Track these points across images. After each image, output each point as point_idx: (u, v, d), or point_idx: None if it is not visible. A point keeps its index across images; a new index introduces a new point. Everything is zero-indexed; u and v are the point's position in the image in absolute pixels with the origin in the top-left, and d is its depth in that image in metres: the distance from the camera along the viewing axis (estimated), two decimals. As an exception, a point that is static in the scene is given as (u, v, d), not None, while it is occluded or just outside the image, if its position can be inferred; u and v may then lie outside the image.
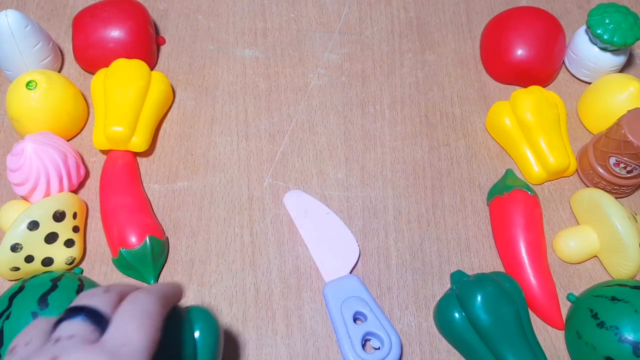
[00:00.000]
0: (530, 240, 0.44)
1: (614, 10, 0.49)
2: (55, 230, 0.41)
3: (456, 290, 0.41)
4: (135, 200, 0.45)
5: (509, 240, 0.45)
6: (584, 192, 0.46)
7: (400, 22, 0.57)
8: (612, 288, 0.41)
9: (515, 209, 0.45)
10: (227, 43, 0.55)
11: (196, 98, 0.52)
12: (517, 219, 0.45)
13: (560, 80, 0.55)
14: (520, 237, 0.44)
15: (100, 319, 0.27)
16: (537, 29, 0.52)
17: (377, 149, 0.50)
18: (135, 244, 0.42)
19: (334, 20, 0.57)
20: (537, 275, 0.43)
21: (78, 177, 0.46)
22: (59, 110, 0.46)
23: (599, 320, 0.39)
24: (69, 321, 0.27)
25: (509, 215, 0.45)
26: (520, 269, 0.44)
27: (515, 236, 0.44)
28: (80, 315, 0.27)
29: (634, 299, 0.39)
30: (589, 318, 0.40)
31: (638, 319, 0.38)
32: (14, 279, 0.42)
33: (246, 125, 0.51)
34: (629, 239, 0.42)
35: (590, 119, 0.51)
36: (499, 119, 0.50)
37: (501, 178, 0.48)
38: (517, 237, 0.44)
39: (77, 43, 0.51)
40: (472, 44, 0.56)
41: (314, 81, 0.54)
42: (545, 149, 0.47)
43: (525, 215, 0.45)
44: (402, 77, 0.54)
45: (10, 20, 0.46)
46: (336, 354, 0.42)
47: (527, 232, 0.44)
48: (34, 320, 0.29)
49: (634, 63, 0.55)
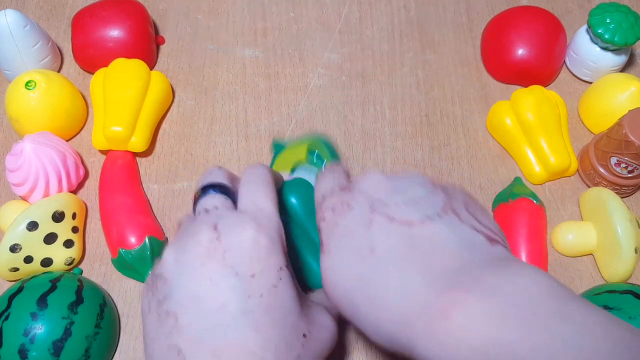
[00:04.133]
0: (532, 250, 0.44)
1: (614, 10, 0.49)
2: (54, 231, 0.41)
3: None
4: (135, 201, 0.45)
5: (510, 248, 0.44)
6: (593, 190, 0.46)
7: (400, 21, 0.57)
8: (602, 296, 0.41)
9: (519, 218, 0.45)
10: (227, 43, 0.55)
11: (196, 98, 0.52)
12: (521, 227, 0.44)
13: (561, 80, 0.55)
14: (522, 246, 0.44)
15: (227, 191, 0.32)
16: (538, 29, 0.52)
17: (378, 148, 0.50)
18: (134, 244, 0.42)
19: (334, 19, 0.57)
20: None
21: (77, 177, 0.46)
22: (58, 110, 0.46)
23: None
24: (207, 197, 0.31)
25: (512, 223, 0.45)
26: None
27: (517, 245, 0.44)
28: (214, 191, 0.31)
29: (625, 306, 0.39)
30: None
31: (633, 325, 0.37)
32: (13, 279, 0.42)
33: (246, 125, 0.51)
34: (626, 240, 0.42)
35: (591, 119, 0.51)
36: (499, 119, 0.49)
37: (508, 185, 0.48)
38: (519, 246, 0.44)
39: (76, 43, 0.51)
40: (472, 44, 0.56)
41: (314, 81, 0.53)
42: (546, 148, 0.47)
43: (529, 224, 0.44)
44: (403, 77, 0.54)
45: (10, 20, 0.45)
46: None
47: (529, 241, 0.44)
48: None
49: (635, 63, 0.55)
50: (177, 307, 0.27)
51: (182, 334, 0.27)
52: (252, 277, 0.27)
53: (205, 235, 0.28)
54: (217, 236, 0.28)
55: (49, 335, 0.36)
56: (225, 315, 0.27)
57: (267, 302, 0.27)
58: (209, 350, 0.26)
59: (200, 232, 0.28)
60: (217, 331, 0.26)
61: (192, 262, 0.28)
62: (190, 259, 0.28)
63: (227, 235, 0.28)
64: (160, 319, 0.28)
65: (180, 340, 0.27)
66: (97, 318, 0.39)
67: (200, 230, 0.28)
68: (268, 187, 0.32)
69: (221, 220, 0.29)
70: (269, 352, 0.26)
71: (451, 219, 0.28)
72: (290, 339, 0.28)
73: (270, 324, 0.27)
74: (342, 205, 0.30)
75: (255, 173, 0.32)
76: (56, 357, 0.36)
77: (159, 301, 0.28)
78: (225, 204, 0.31)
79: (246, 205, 0.30)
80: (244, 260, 0.28)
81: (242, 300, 0.27)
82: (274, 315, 0.27)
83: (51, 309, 0.37)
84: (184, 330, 0.27)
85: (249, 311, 0.27)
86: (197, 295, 0.27)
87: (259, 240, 0.28)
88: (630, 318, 0.38)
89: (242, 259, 0.28)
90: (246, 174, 0.33)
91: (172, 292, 0.28)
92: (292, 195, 0.38)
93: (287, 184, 0.39)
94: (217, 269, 0.27)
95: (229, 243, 0.28)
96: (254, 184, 0.32)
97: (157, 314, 0.28)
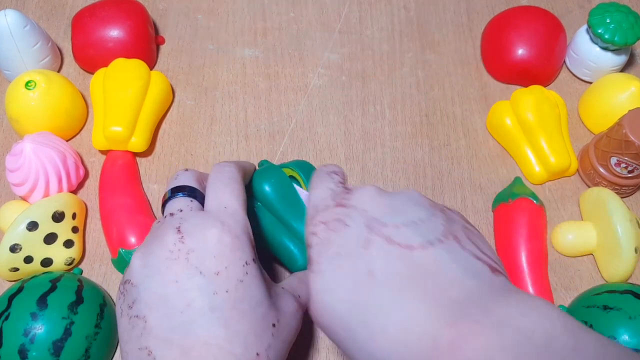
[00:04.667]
0: (532, 250, 0.44)
1: (614, 10, 0.49)
2: (54, 231, 0.41)
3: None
4: (135, 201, 0.45)
5: (510, 248, 0.44)
6: (593, 190, 0.46)
7: (400, 21, 0.57)
8: (602, 296, 0.40)
9: (519, 218, 0.44)
10: (227, 43, 0.55)
11: (196, 98, 0.52)
12: (521, 227, 0.44)
13: (561, 80, 0.55)
14: (522, 246, 0.44)
15: (194, 193, 0.33)
16: (538, 29, 0.52)
17: (378, 148, 0.50)
18: (134, 244, 0.42)
19: (334, 19, 0.57)
20: (535, 286, 0.43)
21: (77, 177, 0.46)
22: (58, 110, 0.46)
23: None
24: (172, 200, 0.32)
25: (512, 223, 0.45)
26: (519, 279, 0.43)
27: (517, 245, 0.44)
28: (179, 194, 0.32)
29: (625, 305, 0.39)
30: None
31: (633, 324, 0.37)
32: (13, 279, 0.42)
33: (246, 125, 0.51)
34: (626, 240, 0.42)
35: (591, 119, 0.51)
36: (499, 119, 0.49)
37: (508, 185, 0.48)
38: (519, 246, 0.44)
39: (76, 43, 0.51)
40: (472, 44, 0.56)
41: (314, 81, 0.53)
42: (546, 148, 0.47)
43: (529, 224, 0.44)
44: (403, 77, 0.54)
45: (9, 20, 0.45)
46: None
47: (529, 241, 0.44)
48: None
49: (635, 63, 0.55)
50: (145, 310, 0.28)
51: (150, 335, 0.27)
52: (216, 275, 0.28)
53: (169, 238, 0.29)
54: (180, 238, 0.29)
55: (49, 335, 0.36)
56: (191, 313, 0.27)
57: (235, 297, 0.28)
58: (178, 348, 0.26)
59: (165, 235, 0.29)
60: (184, 329, 0.27)
61: (158, 265, 0.28)
62: (156, 262, 0.28)
63: (190, 236, 0.29)
64: (131, 322, 0.28)
65: (149, 341, 0.27)
66: (97, 318, 0.39)
67: (164, 234, 0.29)
68: (234, 185, 0.32)
69: (184, 222, 0.30)
70: (238, 345, 0.27)
71: (452, 245, 0.27)
72: (259, 329, 0.28)
73: (238, 317, 0.27)
74: (336, 221, 0.29)
75: (222, 171, 0.33)
76: (56, 357, 0.36)
77: (129, 305, 0.29)
78: (191, 205, 0.32)
79: (211, 204, 0.31)
80: (208, 259, 0.28)
81: (208, 297, 0.27)
82: (241, 309, 0.28)
83: (51, 309, 0.37)
84: (153, 331, 0.27)
85: (215, 308, 0.27)
86: (164, 297, 0.28)
87: (223, 238, 0.29)
88: (630, 318, 0.38)
89: (205, 258, 0.28)
90: (212, 173, 0.33)
91: (140, 295, 0.28)
92: (265, 184, 0.39)
93: (258, 173, 0.40)
94: (181, 270, 0.28)
95: (193, 244, 0.29)
96: (220, 183, 0.32)
97: (128, 317, 0.28)
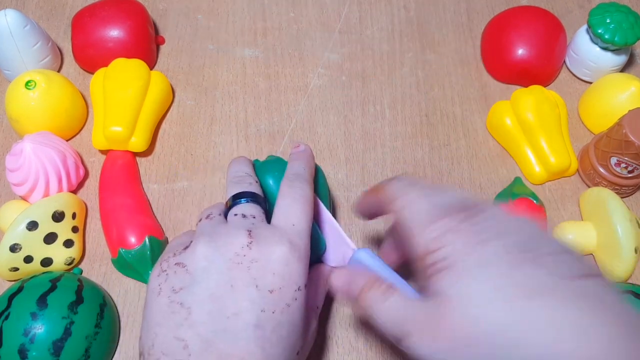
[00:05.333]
0: None
1: (614, 10, 0.49)
2: (54, 231, 0.41)
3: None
4: (135, 201, 0.45)
5: None
6: (593, 190, 0.46)
7: (400, 21, 0.57)
8: None
9: None
10: (227, 43, 0.55)
11: (196, 98, 0.52)
12: None
13: (561, 80, 0.55)
14: None
15: (259, 200, 0.33)
16: (538, 29, 0.52)
17: (378, 148, 0.50)
18: (134, 244, 0.42)
19: (334, 19, 0.57)
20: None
21: (77, 177, 0.46)
22: (58, 110, 0.46)
23: None
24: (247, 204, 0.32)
25: None
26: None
27: None
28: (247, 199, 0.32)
29: None
30: None
31: None
32: (13, 279, 0.42)
33: (246, 125, 0.51)
34: (626, 240, 0.42)
35: (591, 119, 0.51)
36: (499, 119, 0.49)
37: (508, 185, 0.48)
38: None
39: (76, 43, 0.51)
40: (472, 44, 0.56)
41: (314, 81, 0.53)
42: (546, 148, 0.47)
43: None
44: (403, 77, 0.54)
45: (9, 19, 0.45)
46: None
47: None
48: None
49: (635, 63, 0.55)
50: (193, 302, 0.27)
51: (191, 329, 0.27)
52: (270, 293, 0.28)
53: (239, 239, 0.29)
54: (249, 243, 0.29)
55: (49, 335, 0.36)
56: (237, 324, 0.27)
57: (278, 320, 0.28)
58: (216, 352, 0.26)
59: (237, 234, 0.29)
60: (226, 337, 0.27)
61: (220, 264, 0.28)
62: (219, 260, 0.28)
63: (258, 245, 0.29)
64: (171, 306, 0.28)
65: (188, 334, 0.27)
66: (97, 318, 0.39)
67: (236, 233, 0.29)
68: (305, 205, 0.32)
69: (257, 229, 0.30)
70: None
71: (598, 282, 0.25)
72: (287, 356, 0.28)
73: (276, 341, 0.28)
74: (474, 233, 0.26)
75: (295, 187, 0.33)
76: (56, 357, 0.36)
77: (173, 289, 0.28)
78: (262, 216, 0.31)
79: (279, 218, 0.31)
80: (268, 274, 0.28)
81: (256, 313, 0.27)
82: (280, 334, 0.28)
83: (51, 309, 0.37)
84: (194, 326, 0.27)
85: (259, 326, 0.27)
86: (216, 297, 0.27)
87: (290, 259, 0.29)
88: None
89: (265, 273, 0.28)
90: (284, 186, 0.33)
91: (192, 285, 0.28)
92: (268, 176, 0.39)
93: (261, 165, 0.39)
94: (240, 276, 0.28)
95: (258, 254, 0.28)
96: (291, 199, 0.32)
97: (170, 300, 0.28)
